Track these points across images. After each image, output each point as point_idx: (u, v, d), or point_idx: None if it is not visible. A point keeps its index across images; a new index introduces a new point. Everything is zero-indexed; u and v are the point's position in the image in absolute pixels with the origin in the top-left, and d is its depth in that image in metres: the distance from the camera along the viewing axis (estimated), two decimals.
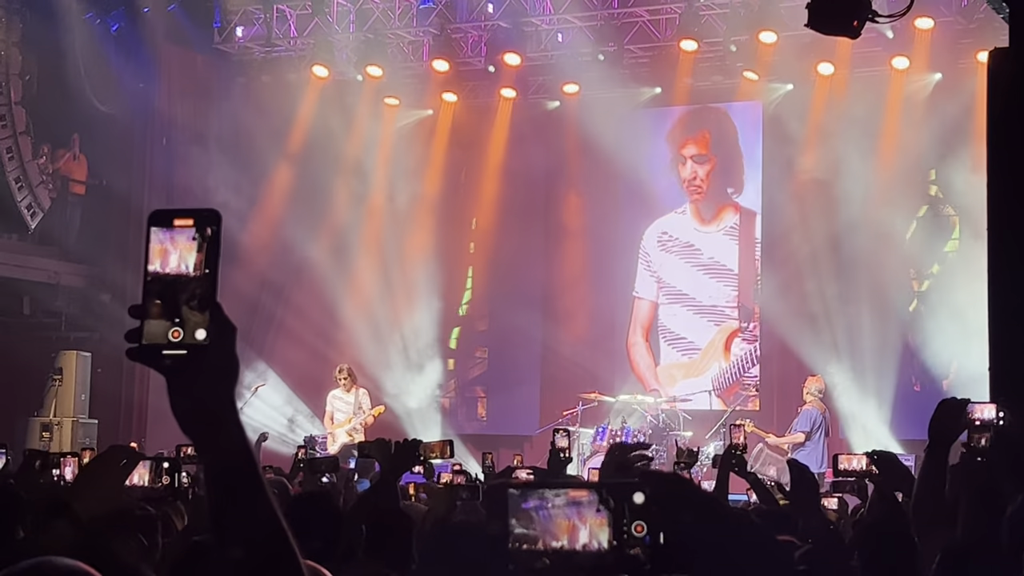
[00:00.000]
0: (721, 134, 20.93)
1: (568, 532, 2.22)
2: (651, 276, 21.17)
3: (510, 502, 2.23)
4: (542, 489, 2.24)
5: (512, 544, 2.23)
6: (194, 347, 2.08)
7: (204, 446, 2.14)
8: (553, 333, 21.24)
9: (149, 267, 2.12)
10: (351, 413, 17.89)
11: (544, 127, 21.54)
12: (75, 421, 19.50)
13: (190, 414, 2.11)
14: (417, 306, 21.49)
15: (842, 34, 8.49)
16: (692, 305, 20.85)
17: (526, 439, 20.36)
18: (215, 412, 2.11)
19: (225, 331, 2.10)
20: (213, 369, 2.10)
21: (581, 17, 19.82)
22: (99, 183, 21.12)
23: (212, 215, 2.14)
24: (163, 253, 2.12)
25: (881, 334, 18.76)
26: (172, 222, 2.14)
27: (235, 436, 2.13)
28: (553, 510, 2.23)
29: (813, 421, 17.03)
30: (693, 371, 20.69)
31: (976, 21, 17.84)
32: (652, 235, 21.20)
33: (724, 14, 19.12)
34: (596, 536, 2.21)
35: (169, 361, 2.08)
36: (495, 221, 21.67)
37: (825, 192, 19.18)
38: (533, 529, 2.22)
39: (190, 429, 2.13)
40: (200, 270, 2.10)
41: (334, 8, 20.52)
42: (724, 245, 20.75)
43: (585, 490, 2.24)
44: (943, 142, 18.52)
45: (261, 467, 2.20)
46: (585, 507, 2.22)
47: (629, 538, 2.20)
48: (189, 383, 2.09)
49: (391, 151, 21.95)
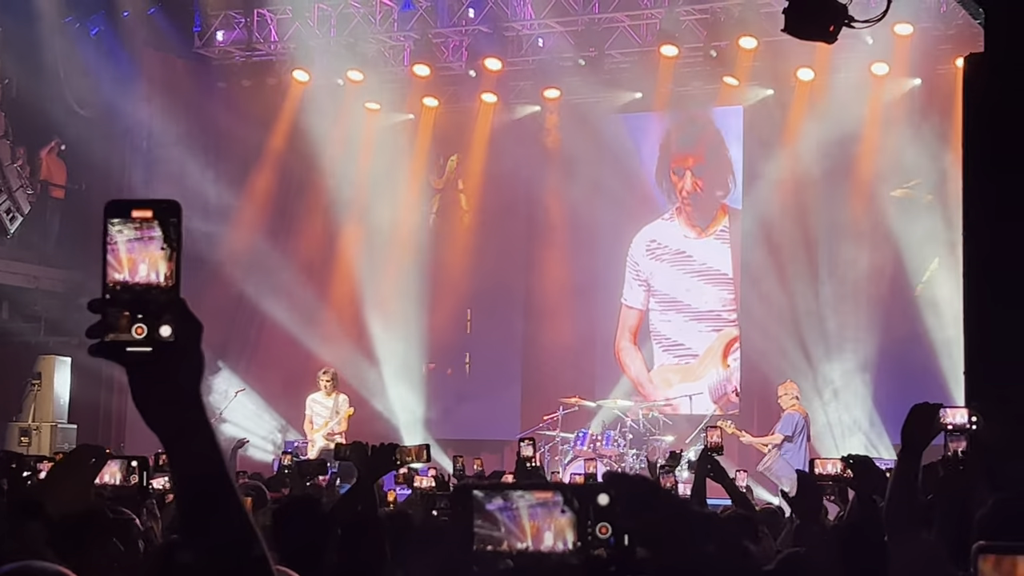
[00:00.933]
0: (711, 140, 20.97)
1: (533, 533, 2.21)
2: (640, 284, 21.19)
3: (475, 504, 2.23)
4: (507, 491, 2.24)
5: (477, 546, 2.22)
6: (159, 344, 2.05)
7: (170, 444, 2.11)
8: (535, 338, 21.27)
9: (117, 275, 2.07)
10: (328, 417, 17.84)
11: (525, 132, 21.55)
12: (54, 426, 19.43)
13: (154, 411, 2.09)
14: (398, 311, 21.46)
15: (818, 39, 8.52)
16: (687, 311, 20.86)
17: (507, 444, 20.34)
18: (180, 408, 2.08)
19: (190, 327, 2.08)
20: (179, 366, 2.07)
21: (562, 22, 19.84)
22: (78, 187, 21.06)
23: (172, 207, 2.10)
24: (132, 263, 2.07)
25: (865, 336, 18.80)
26: (130, 213, 2.10)
27: (202, 434, 2.10)
28: (518, 512, 2.22)
29: (795, 425, 17.08)
30: (690, 375, 20.70)
31: (955, 27, 17.90)
32: (640, 243, 21.23)
33: (704, 19, 19.16)
34: (561, 537, 2.21)
35: (133, 358, 2.06)
36: (477, 226, 21.67)
37: (805, 197, 19.25)
38: (498, 531, 2.22)
39: (155, 426, 2.09)
40: (170, 280, 2.07)
41: (315, 12, 20.51)
42: (717, 250, 20.79)
43: (550, 491, 2.23)
44: (923, 147, 18.58)
45: (235, 472, 2.19)
46: (550, 508, 2.21)
47: (594, 539, 2.20)
48: (154, 380, 2.07)
49: (372, 156, 21.93)
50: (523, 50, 20.62)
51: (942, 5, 17.98)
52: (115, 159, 20.86)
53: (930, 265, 18.64)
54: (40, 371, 19.73)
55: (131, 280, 2.07)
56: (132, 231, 2.09)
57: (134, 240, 2.08)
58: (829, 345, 19.00)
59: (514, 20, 19.99)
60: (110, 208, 2.10)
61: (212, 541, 2.10)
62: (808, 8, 8.21)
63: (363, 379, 20.84)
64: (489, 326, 21.09)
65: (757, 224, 20.18)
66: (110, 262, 2.09)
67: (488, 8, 19.85)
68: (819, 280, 19.24)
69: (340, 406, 17.98)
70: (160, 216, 2.09)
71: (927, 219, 18.42)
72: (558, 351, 20.81)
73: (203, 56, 21.43)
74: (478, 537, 2.22)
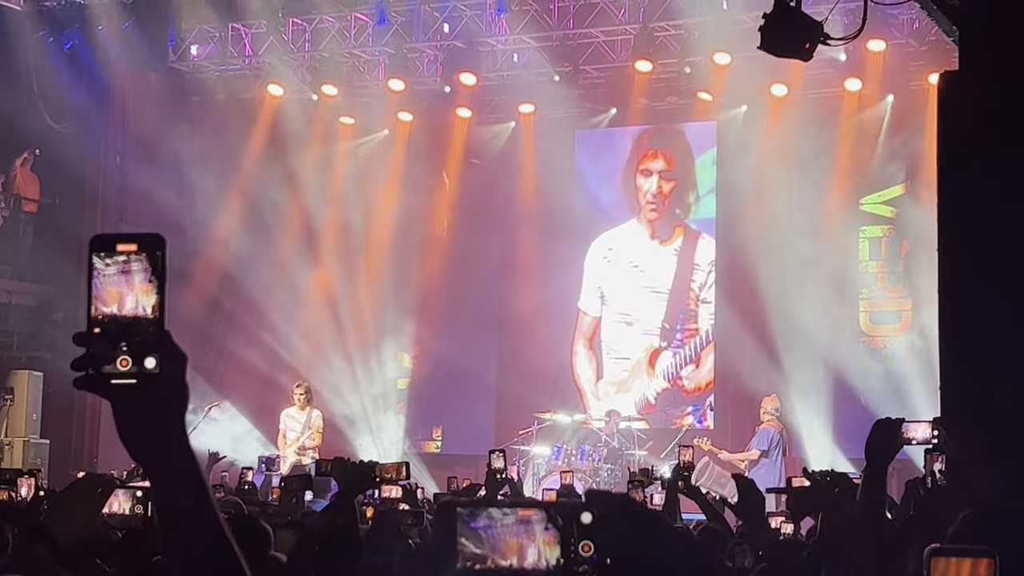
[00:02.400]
0: (681, 154, 21.08)
1: (517, 551, 2.22)
2: (595, 289, 21.34)
3: (459, 521, 2.23)
4: (491, 508, 2.24)
5: (461, 563, 2.22)
6: (144, 375, 2.06)
7: (153, 472, 2.12)
8: (508, 352, 21.27)
9: (104, 308, 2.08)
10: (300, 431, 17.74)
11: (499, 147, 21.59)
12: (26, 441, 19.34)
13: (138, 441, 2.10)
14: (370, 326, 21.45)
15: (794, 56, 8.56)
16: (630, 321, 21.01)
17: (481, 458, 20.29)
18: (164, 439, 2.10)
19: (175, 359, 2.09)
20: (163, 397, 2.08)
21: (537, 37, 19.87)
22: (52, 201, 20.99)
23: (156, 240, 2.11)
24: (119, 296, 2.08)
25: (834, 352, 18.86)
26: (115, 247, 2.11)
27: (184, 463, 2.12)
28: (502, 529, 2.22)
29: (771, 440, 17.11)
30: (623, 388, 20.84)
31: (928, 44, 18.01)
32: (598, 248, 21.34)
33: (679, 35, 19.23)
34: (545, 555, 2.21)
35: (118, 389, 2.06)
36: (450, 240, 21.67)
37: (779, 212, 19.30)
38: (482, 548, 2.22)
39: (139, 456, 2.12)
40: (157, 312, 2.08)
41: (289, 27, 20.50)
42: (667, 264, 20.91)
43: (533, 509, 2.24)
44: (896, 163, 18.69)
45: (211, 487, 2.20)
46: (534, 526, 2.22)
47: (577, 557, 2.20)
48: (138, 411, 2.08)
49: (346, 170, 21.92)
50: (498, 65, 20.65)
51: (915, 22, 18.08)
52: (89, 173, 20.80)
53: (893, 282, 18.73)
54: (12, 386, 19.65)
55: (118, 313, 2.08)
56: (117, 265, 2.10)
57: (119, 273, 2.09)
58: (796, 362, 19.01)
59: (489, 35, 20.01)
60: (95, 242, 2.11)
61: (193, 563, 2.12)
62: (784, 26, 8.25)
63: (338, 394, 20.81)
64: (463, 340, 21.06)
65: (729, 239, 20.25)
66: (96, 295, 2.09)
67: (463, 23, 19.87)
68: (791, 296, 19.25)
69: (313, 420, 17.88)
70: (145, 249, 2.10)
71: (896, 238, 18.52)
72: (533, 364, 20.81)
73: (177, 70, 21.38)
74: (462, 555, 2.23)
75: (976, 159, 7.44)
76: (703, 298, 20.73)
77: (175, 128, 21.19)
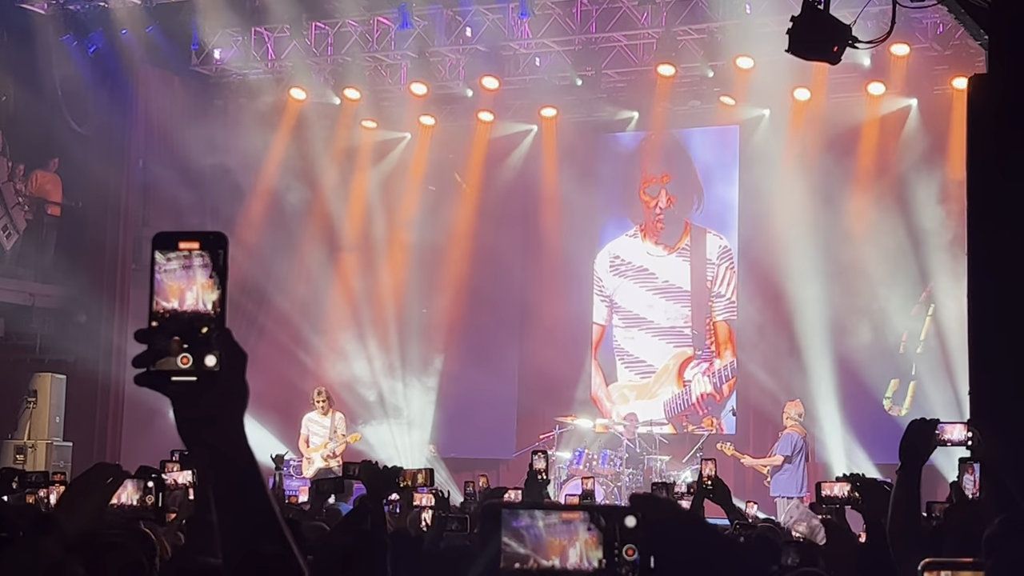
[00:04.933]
0: (680, 157, 21.07)
1: (559, 551, 2.21)
2: (602, 299, 21.43)
3: (503, 521, 2.23)
4: (534, 509, 2.24)
5: (505, 563, 2.22)
6: (204, 373, 2.07)
7: (212, 472, 2.13)
8: (530, 356, 21.26)
9: (165, 303, 2.08)
10: (327, 437, 17.78)
11: (521, 151, 21.59)
12: (49, 444, 19.38)
13: (198, 439, 2.11)
14: (392, 329, 21.46)
15: (822, 59, 8.53)
16: (649, 328, 21.01)
17: (503, 462, 20.35)
18: (223, 437, 2.10)
19: (235, 357, 2.10)
20: (222, 395, 2.09)
21: (559, 41, 19.87)
22: (75, 205, 21.04)
23: (219, 239, 2.12)
24: (180, 291, 2.08)
25: (861, 356, 18.82)
26: (177, 245, 2.11)
27: (243, 461, 2.12)
28: (545, 529, 2.22)
29: (794, 445, 17.05)
30: (645, 393, 20.80)
31: (951, 48, 17.96)
32: (604, 258, 21.41)
33: (701, 39, 19.20)
34: (587, 556, 2.21)
35: (178, 387, 2.06)
36: (472, 245, 21.65)
37: (801, 216, 19.26)
38: (524, 548, 2.22)
39: (198, 454, 2.12)
40: (218, 308, 2.09)
41: (312, 30, 20.53)
42: (679, 267, 20.95)
43: (577, 512, 2.24)
44: (919, 167, 18.64)
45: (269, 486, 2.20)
46: (577, 526, 2.22)
47: (620, 560, 2.20)
48: (198, 409, 2.08)
49: (368, 174, 21.95)
50: (520, 69, 20.64)
51: (939, 26, 18.03)
52: (112, 176, 20.83)
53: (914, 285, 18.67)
54: (36, 389, 19.68)
55: (179, 308, 2.08)
56: (179, 261, 2.10)
57: (181, 269, 2.10)
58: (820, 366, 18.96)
59: (511, 39, 20.02)
60: (158, 240, 2.12)
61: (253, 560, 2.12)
62: (812, 28, 8.22)
63: (359, 399, 20.82)
64: (485, 344, 21.07)
65: (752, 243, 20.23)
66: (157, 291, 2.09)
67: (486, 27, 19.87)
68: (814, 300, 19.20)
69: (338, 424, 17.93)
70: (207, 247, 2.11)
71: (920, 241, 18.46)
72: (554, 368, 20.80)
73: (200, 74, 21.43)
74: (505, 555, 2.23)
75: (1005, 161, 7.41)
76: (718, 292, 20.72)
77: (198, 131, 21.22)
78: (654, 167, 21.26)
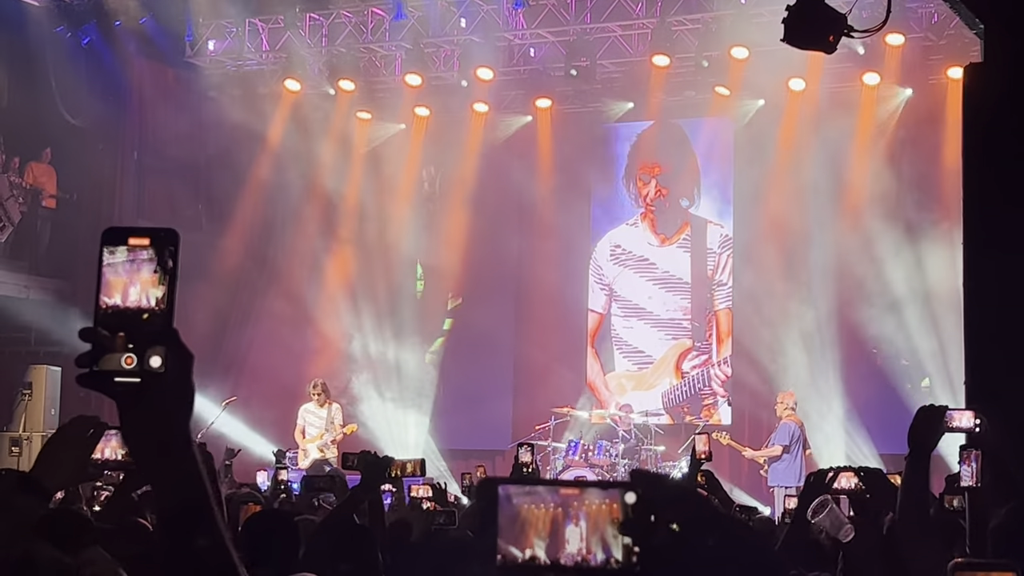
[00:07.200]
0: (678, 149, 21.07)
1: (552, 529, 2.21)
2: (602, 288, 21.39)
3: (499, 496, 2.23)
4: (533, 485, 2.24)
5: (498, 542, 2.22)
6: (149, 375, 2.01)
7: (155, 474, 2.09)
8: (525, 346, 21.27)
9: (108, 299, 2.02)
10: (323, 428, 17.79)
11: (516, 141, 21.57)
12: (44, 436, 19.34)
13: (142, 442, 2.06)
14: (388, 321, 21.45)
15: (818, 49, 8.51)
16: (648, 318, 21.02)
17: (498, 453, 20.35)
18: (168, 441, 2.05)
19: (181, 359, 2.03)
20: (168, 397, 2.03)
21: (554, 32, 19.86)
22: (69, 197, 21.02)
23: (170, 235, 2.05)
24: (123, 287, 2.02)
25: (855, 345, 18.84)
26: (127, 240, 2.04)
27: (188, 466, 2.07)
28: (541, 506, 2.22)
29: (791, 435, 17.06)
30: (643, 384, 20.82)
31: (946, 37, 17.96)
32: (604, 247, 21.40)
33: (696, 30, 19.19)
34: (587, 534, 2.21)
35: (122, 388, 2.01)
36: (467, 235, 21.64)
37: (796, 206, 19.27)
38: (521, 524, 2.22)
39: (141, 457, 2.08)
40: (162, 304, 2.02)
41: (306, 22, 20.51)
42: (679, 258, 20.95)
43: (576, 488, 2.23)
44: (913, 156, 18.65)
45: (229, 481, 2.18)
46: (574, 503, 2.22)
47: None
48: (142, 411, 2.03)
49: (363, 165, 21.93)
50: (515, 60, 20.64)
51: (934, 15, 18.04)
52: (106, 168, 20.82)
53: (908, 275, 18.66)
54: (31, 381, 19.66)
55: (121, 304, 2.02)
56: (125, 256, 2.04)
57: (126, 262, 2.04)
58: (816, 356, 18.98)
59: (506, 30, 20.00)
60: (106, 235, 2.06)
61: (191, 568, 2.08)
62: (807, 18, 8.22)
63: (354, 390, 20.81)
64: (480, 334, 21.06)
65: (747, 233, 20.24)
66: (102, 287, 2.03)
67: (480, 18, 19.87)
68: (809, 290, 19.22)
69: (335, 416, 17.96)
70: (156, 244, 2.04)
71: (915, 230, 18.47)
72: (549, 358, 20.81)
73: (195, 65, 21.39)
74: (501, 530, 2.22)
75: (1001, 151, 7.42)
76: (720, 280, 20.74)
77: (192, 123, 21.21)
78: (648, 157, 21.27)
